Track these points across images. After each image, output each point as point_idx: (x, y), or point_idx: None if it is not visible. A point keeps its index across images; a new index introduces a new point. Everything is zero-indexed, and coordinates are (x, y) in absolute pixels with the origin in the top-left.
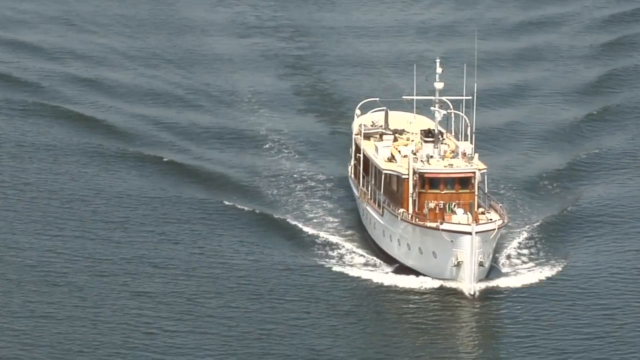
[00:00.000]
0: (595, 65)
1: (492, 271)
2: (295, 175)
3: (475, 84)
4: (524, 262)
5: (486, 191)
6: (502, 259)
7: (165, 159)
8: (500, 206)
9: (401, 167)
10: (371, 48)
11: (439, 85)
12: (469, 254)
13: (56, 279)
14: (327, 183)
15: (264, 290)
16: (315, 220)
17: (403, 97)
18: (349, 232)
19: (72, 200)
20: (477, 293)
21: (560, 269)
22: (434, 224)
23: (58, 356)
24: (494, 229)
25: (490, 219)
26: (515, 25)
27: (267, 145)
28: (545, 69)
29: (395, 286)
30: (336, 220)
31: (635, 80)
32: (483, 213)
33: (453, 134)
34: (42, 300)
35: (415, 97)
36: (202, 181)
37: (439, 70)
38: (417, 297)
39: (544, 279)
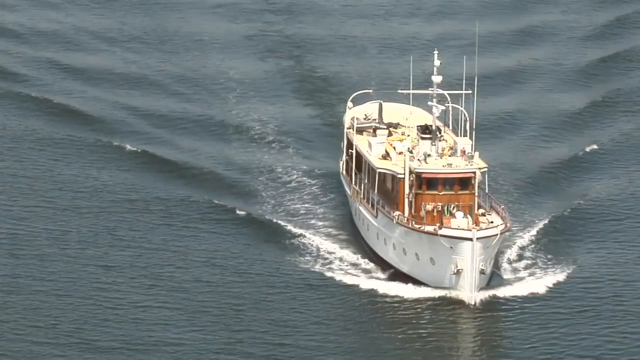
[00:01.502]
0: (597, 46)
1: (493, 277)
2: (283, 170)
3: (476, 78)
4: (526, 267)
5: (487, 191)
6: (504, 263)
7: (139, 150)
8: (503, 208)
9: (396, 165)
10: (362, 29)
11: (437, 78)
12: (469, 261)
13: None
14: (317, 179)
15: (249, 296)
16: (304, 220)
17: (399, 90)
18: (341, 233)
19: (43, 193)
20: (478, 303)
21: (565, 274)
22: (431, 229)
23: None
24: (496, 235)
25: (492, 222)
26: (514, 4)
27: (253, 137)
28: (545, 52)
29: (390, 295)
30: (327, 219)
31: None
32: (484, 215)
33: (451, 128)
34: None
35: (411, 91)
36: (182, 176)
37: (436, 62)
38: (413, 306)
39: (549, 286)
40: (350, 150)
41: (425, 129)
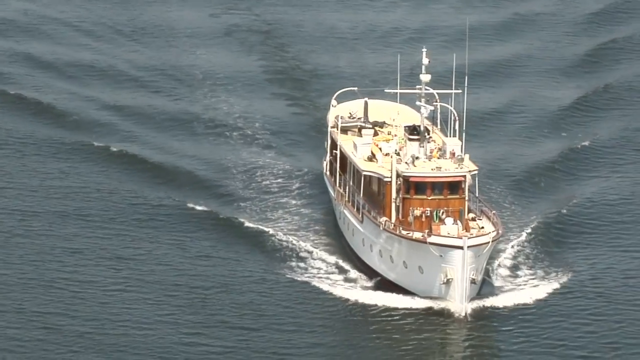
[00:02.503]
0: (586, 37)
1: (484, 285)
2: (263, 169)
3: (466, 78)
4: (518, 274)
5: (477, 194)
6: (494, 269)
7: (115, 149)
8: (494, 213)
9: (383, 168)
10: (347, 18)
11: (425, 77)
12: (460, 270)
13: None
14: (300, 179)
15: (225, 309)
16: (284, 224)
17: (385, 90)
18: (324, 237)
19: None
20: (469, 314)
21: (558, 282)
22: (420, 236)
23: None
24: (488, 242)
25: (482, 228)
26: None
27: (231, 134)
28: (532, 43)
29: (375, 305)
30: (309, 223)
31: (630, 54)
32: (474, 219)
33: (439, 127)
34: None
35: (399, 90)
36: (158, 176)
37: (425, 60)
38: (400, 318)
39: (542, 295)
40: (334, 151)
41: (413, 130)
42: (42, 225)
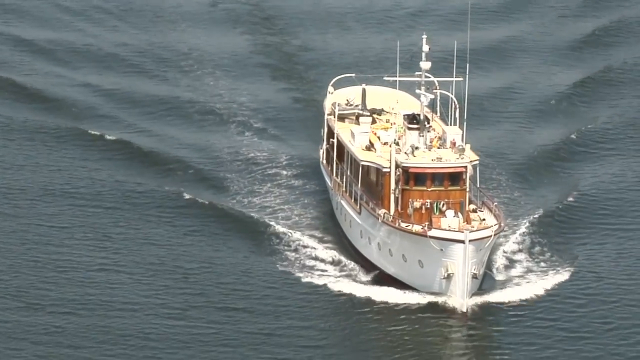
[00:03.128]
0: (586, 20)
1: (485, 279)
2: (257, 156)
3: (468, 66)
4: (520, 267)
5: (478, 185)
6: (496, 262)
7: (108, 137)
8: (496, 205)
9: (381, 157)
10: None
11: (425, 65)
12: (461, 265)
13: None
14: (295, 167)
15: (217, 304)
16: (280, 213)
17: (384, 77)
18: (320, 228)
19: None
20: (470, 310)
21: (562, 276)
22: (420, 229)
23: None
24: (490, 236)
25: (484, 220)
26: None
27: (225, 119)
28: (531, 26)
29: (373, 300)
30: (305, 213)
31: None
32: (474, 211)
33: (439, 115)
34: None
35: (398, 78)
36: (150, 164)
37: (425, 48)
38: (399, 313)
39: (546, 289)
40: (331, 139)
41: (412, 119)
42: (27, 205)
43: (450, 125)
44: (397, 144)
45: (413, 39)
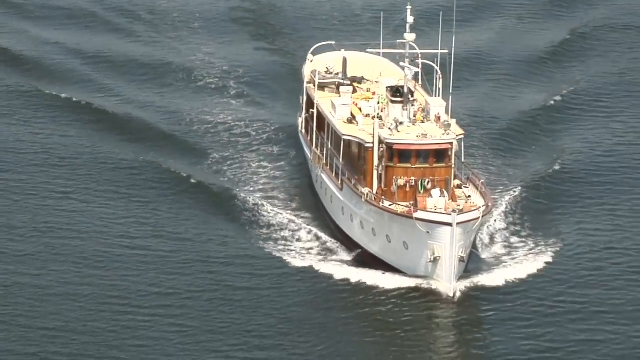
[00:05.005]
0: None
1: (471, 258)
2: (233, 123)
3: (454, 38)
4: (507, 246)
5: (463, 159)
6: (481, 240)
7: (79, 100)
8: (482, 183)
9: (364, 132)
10: None
11: (409, 36)
12: (448, 248)
13: None
14: (273, 133)
15: (188, 282)
16: (256, 186)
17: (367, 50)
18: (299, 201)
19: None
20: (457, 294)
21: (549, 254)
22: (405, 210)
23: None
24: (478, 218)
25: (469, 197)
26: None
27: (202, 83)
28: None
29: (357, 281)
30: (283, 184)
31: None
32: (459, 187)
33: (420, 82)
34: None
35: (382, 51)
36: (124, 132)
37: (409, 19)
38: (383, 296)
39: (533, 271)
40: (310, 110)
41: (396, 91)
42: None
43: (435, 96)
44: (380, 118)
45: None
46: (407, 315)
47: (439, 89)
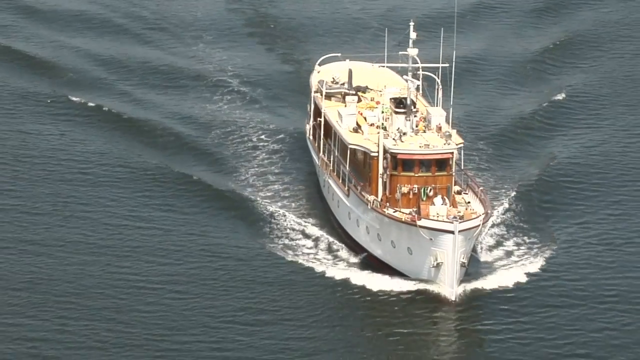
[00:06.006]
0: None
1: (471, 262)
2: (244, 127)
3: (454, 53)
4: (504, 249)
5: (462, 167)
6: (480, 243)
7: (91, 104)
8: (482, 190)
9: (369, 141)
10: None
11: (412, 51)
12: (450, 254)
13: None
14: (282, 139)
15: (197, 282)
16: (265, 189)
17: (372, 64)
18: (307, 205)
19: None
20: (459, 297)
21: (547, 256)
22: (409, 217)
23: None
24: (479, 225)
25: (468, 203)
26: None
27: (213, 88)
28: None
29: (362, 285)
30: (291, 188)
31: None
32: (459, 192)
33: (420, 91)
34: None
35: (386, 65)
36: (134, 134)
37: (412, 35)
38: (388, 299)
39: (530, 273)
40: (318, 118)
41: (399, 103)
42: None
43: (436, 106)
44: (385, 128)
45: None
46: (410, 318)
47: (439, 99)
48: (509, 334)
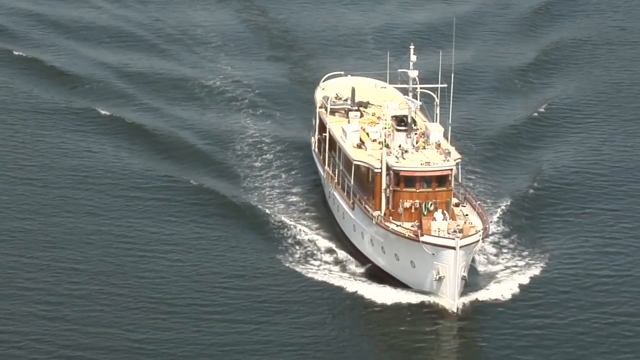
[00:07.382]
0: None
1: (470, 272)
2: (251, 138)
3: (452, 74)
4: (501, 260)
5: (460, 180)
6: (478, 255)
7: (103, 112)
8: (479, 204)
9: (372, 157)
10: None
11: (413, 73)
12: (452, 269)
13: None
14: (288, 150)
15: (202, 290)
16: (272, 199)
17: (375, 85)
18: (313, 216)
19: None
20: (460, 310)
21: (540, 266)
22: (412, 232)
23: None
24: (478, 240)
25: (466, 215)
26: None
27: (223, 99)
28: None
29: (366, 295)
30: (297, 199)
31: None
32: (457, 205)
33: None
34: None
35: (387, 85)
36: (144, 144)
37: (413, 57)
38: (391, 311)
39: (526, 283)
40: (323, 133)
41: (400, 121)
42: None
43: (434, 122)
44: (388, 146)
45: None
46: (413, 328)
47: (436, 114)
48: (509, 345)
